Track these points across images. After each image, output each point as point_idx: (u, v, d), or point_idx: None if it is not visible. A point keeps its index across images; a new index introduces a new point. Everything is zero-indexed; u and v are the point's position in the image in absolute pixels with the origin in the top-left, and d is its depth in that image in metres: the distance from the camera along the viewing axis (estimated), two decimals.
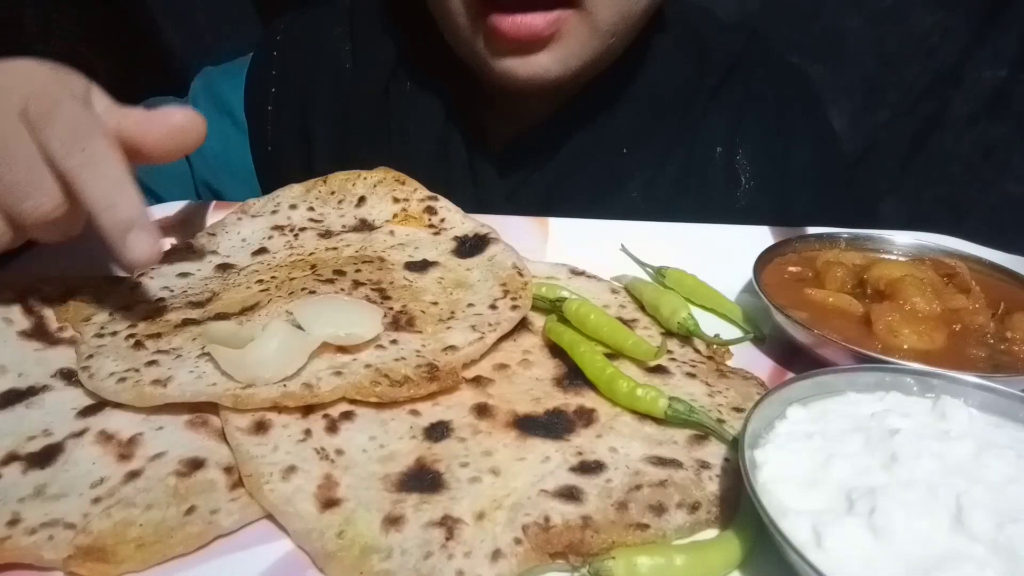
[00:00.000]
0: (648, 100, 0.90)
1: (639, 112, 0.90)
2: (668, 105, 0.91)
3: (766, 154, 0.93)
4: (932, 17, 1.55)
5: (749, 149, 0.93)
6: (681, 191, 0.90)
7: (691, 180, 0.91)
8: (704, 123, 0.92)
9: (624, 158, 0.90)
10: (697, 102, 0.92)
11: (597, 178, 0.89)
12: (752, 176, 0.92)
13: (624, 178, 0.89)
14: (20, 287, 0.60)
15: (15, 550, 0.40)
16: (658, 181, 0.90)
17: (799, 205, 0.92)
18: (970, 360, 0.55)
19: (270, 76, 0.95)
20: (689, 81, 0.92)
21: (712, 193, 0.91)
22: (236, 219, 0.72)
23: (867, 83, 1.61)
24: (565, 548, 0.41)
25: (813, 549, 0.37)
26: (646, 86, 0.90)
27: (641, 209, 0.86)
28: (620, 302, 0.65)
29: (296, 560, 0.42)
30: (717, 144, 0.92)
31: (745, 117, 0.93)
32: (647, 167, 0.90)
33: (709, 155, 0.92)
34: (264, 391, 0.49)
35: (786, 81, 0.99)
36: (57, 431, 0.48)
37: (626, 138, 0.90)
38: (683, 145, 0.91)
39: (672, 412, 0.49)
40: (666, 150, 0.91)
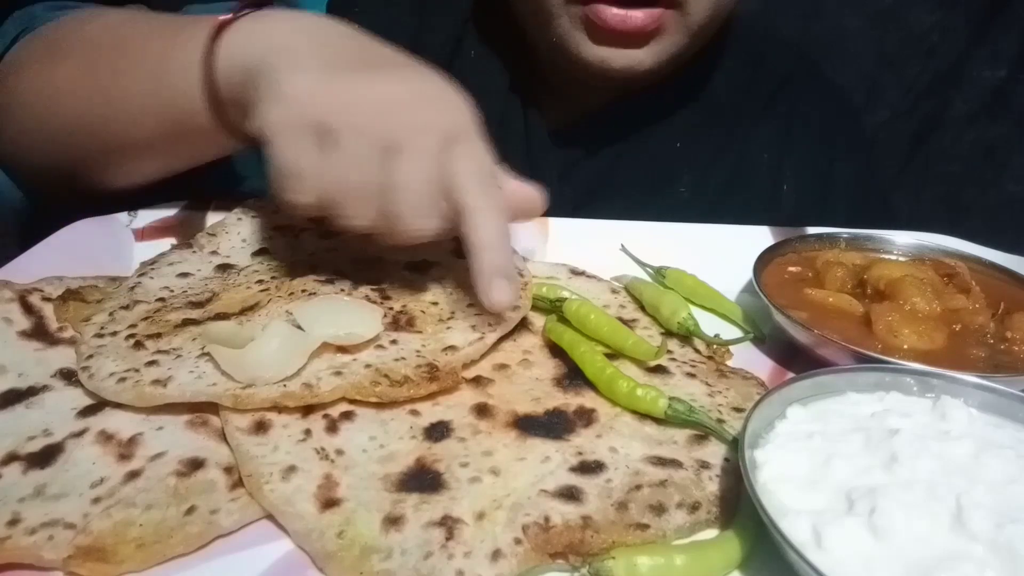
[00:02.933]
0: (704, 102, 0.92)
1: (695, 113, 0.92)
2: (722, 109, 0.93)
3: (809, 166, 0.96)
4: (932, 17, 1.55)
5: (794, 160, 0.95)
6: (728, 193, 0.92)
7: (737, 186, 0.93)
8: (754, 131, 0.95)
9: (676, 155, 0.92)
10: (749, 110, 0.95)
11: (649, 171, 0.91)
12: (795, 186, 0.95)
13: (674, 175, 0.92)
14: (20, 287, 0.60)
15: (15, 550, 0.40)
16: (707, 181, 0.92)
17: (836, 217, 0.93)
18: (970, 360, 0.55)
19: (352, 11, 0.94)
20: (743, 89, 0.95)
21: (757, 198, 0.94)
22: (236, 219, 0.72)
23: (867, 83, 1.61)
24: (565, 548, 0.41)
25: (813, 549, 0.37)
26: (703, 88, 0.92)
27: (690, 206, 0.89)
28: (620, 302, 0.65)
29: (296, 560, 0.42)
30: (764, 152, 0.95)
31: (792, 129, 0.96)
32: (697, 167, 0.92)
33: (756, 165, 0.95)
34: (264, 391, 0.49)
35: (832, 99, 1.03)
36: (57, 431, 0.48)
37: (680, 136, 0.92)
38: (733, 149, 0.94)
39: (672, 412, 0.49)
40: (717, 152, 0.93)
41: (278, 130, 0.52)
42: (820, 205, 0.95)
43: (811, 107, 0.98)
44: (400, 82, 0.54)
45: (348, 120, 0.51)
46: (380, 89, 0.53)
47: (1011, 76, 1.56)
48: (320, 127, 0.51)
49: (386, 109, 0.52)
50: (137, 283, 0.62)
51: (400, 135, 0.51)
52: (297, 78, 0.52)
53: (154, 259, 0.66)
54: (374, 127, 0.51)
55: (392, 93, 0.53)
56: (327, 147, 0.51)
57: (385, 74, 0.55)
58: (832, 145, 0.98)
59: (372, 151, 0.51)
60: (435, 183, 0.52)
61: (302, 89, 0.52)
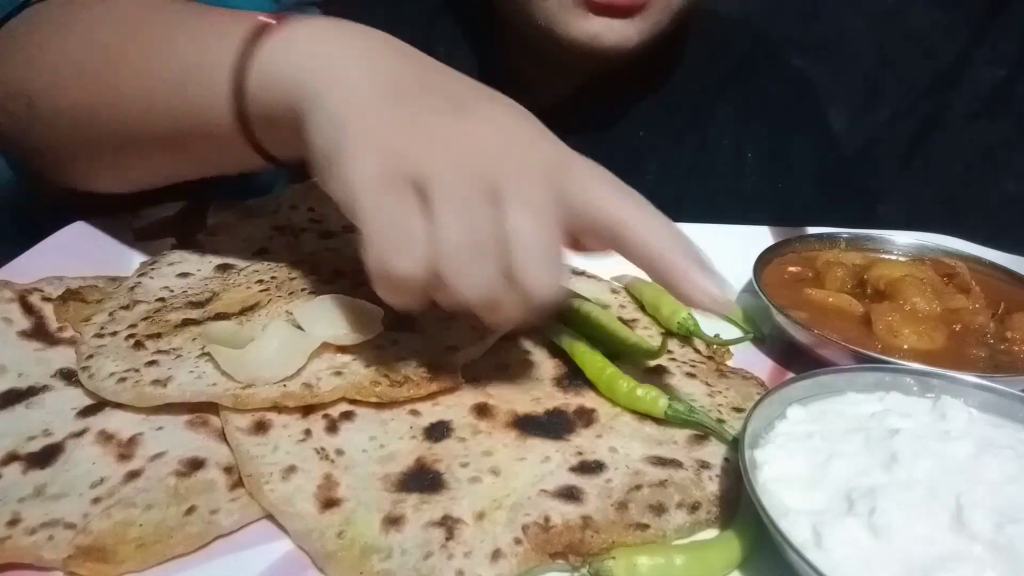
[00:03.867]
0: (664, 88, 0.93)
1: (655, 100, 0.93)
2: (682, 95, 0.94)
3: (769, 149, 0.97)
4: (932, 17, 1.55)
5: (753, 143, 0.96)
6: (692, 179, 0.93)
7: (701, 170, 0.94)
8: (713, 115, 0.95)
9: (639, 143, 0.92)
10: (708, 94, 0.95)
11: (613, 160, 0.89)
12: (756, 169, 0.96)
13: (639, 163, 0.92)
14: (20, 287, 0.60)
15: (15, 550, 0.40)
16: (671, 168, 0.93)
17: (799, 200, 0.95)
18: (970, 360, 0.55)
19: None
20: (701, 73, 0.95)
21: (720, 184, 0.95)
22: (236, 219, 0.72)
23: (867, 83, 1.61)
24: (565, 548, 0.41)
25: (813, 549, 0.37)
26: (662, 75, 0.93)
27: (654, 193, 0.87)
28: (620, 302, 0.65)
29: (296, 560, 0.42)
30: (725, 136, 0.96)
31: (751, 112, 0.97)
32: (661, 154, 0.93)
33: (718, 148, 0.95)
34: (264, 391, 0.49)
35: (790, 82, 1.04)
36: (57, 431, 0.48)
37: (642, 124, 0.92)
38: (694, 135, 0.94)
39: (672, 412, 0.49)
40: (679, 138, 0.94)
41: (371, 190, 0.43)
42: (783, 187, 0.96)
43: (768, 89, 0.99)
44: (488, 122, 0.47)
45: (444, 171, 0.43)
46: (470, 132, 0.45)
47: (1011, 76, 1.56)
48: (417, 181, 0.43)
49: (481, 153, 0.44)
50: (137, 283, 0.62)
51: (502, 180, 0.43)
52: (378, 132, 0.44)
53: (154, 259, 0.66)
54: (472, 175, 0.43)
55: (484, 135, 0.46)
56: (428, 204, 0.43)
57: (470, 113, 0.47)
58: (789, 126, 0.99)
59: (478, 203, 0.43)
60: (556, 222, 0.44)
61: (387, 144, 0.44)
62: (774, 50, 1.04)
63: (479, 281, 0.43)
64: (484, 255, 0.43)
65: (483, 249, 0.43)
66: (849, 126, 1.61)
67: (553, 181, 0.45)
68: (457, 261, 0.43)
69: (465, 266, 0.43)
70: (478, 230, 0.42)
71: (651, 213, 0.47)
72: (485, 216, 0.43)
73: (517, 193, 0.43)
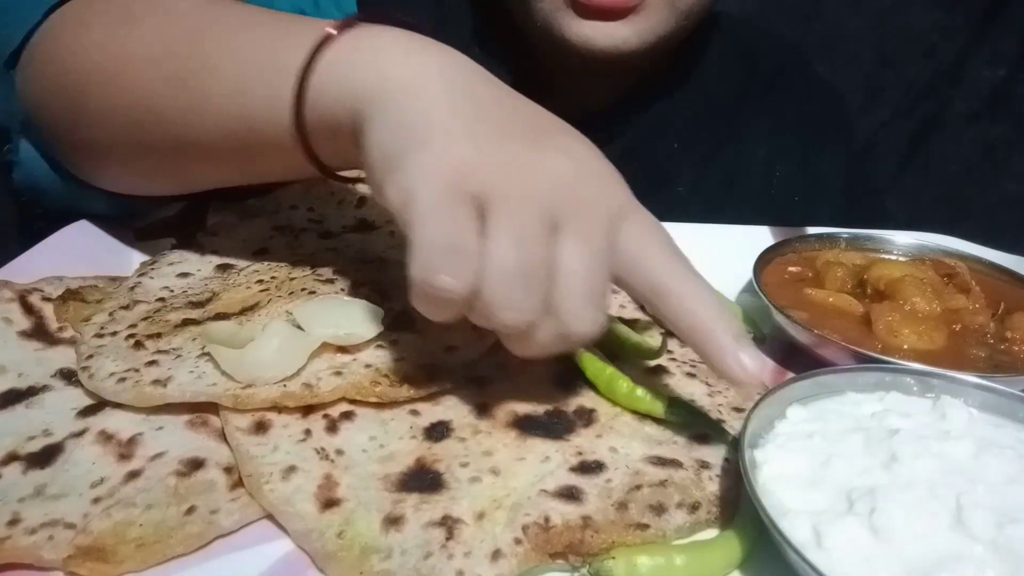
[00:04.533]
0: (701, 100, 0.93)
1: (691, 110, 0.92)
2: (717, 106, 0.94)
3: (799, 160, 0.97)
4: (932, 16, 1.55)
5: (784, 154, 0.96)
6: (726, 191, 0.93)
7: (734, 182, 0.94)
8: (748, 127, 0.95)
9: (674, 154, 0.92)
10: (744, 105, 0.95)
11: (648, 171, 0.90)
12: (785, 181, 0.96)
13: (673, 174, 0.92)
14: (20, 287, 0.60)
15: (15, 550, 0.40)
16: (705, 180, 0.93)
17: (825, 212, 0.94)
18: (970, 360, 0.55)
19: None
20: (737, 84, 0.95)
21: (752, 194, 0.94)
22: (236, 219, 0.72)
23: (867, 82, 1.61)
24: (565, 548, 0.41)
25: (813, 549, 0.37)
26: (700, 86, 0.93)
27: (687, 204, 0.89)
28: (620, 302, 0.65)
29: (296, 560, 0.42)
30: (758, 148, 0.95)
31: (783, 124, 0.96)
32: (695, 166, 0.93)
33: (752, 159, 0.95)
34: (264, 391, 0.49)
35: (822, 95, 1.03)
36: (57, 431, 0.48)
37: (677, 135, 0.92)
38: (729, 147, 0.94)
39: (672, 412, 0.49)
40: (713, 150, 0.94)
41: (433, 199, 0.42)
42: (809, 200, 0.96)
43: (801, 102, 0.99)
44: (563, 154, 0.47)
45: (511, 195, 0.43)
46: (545, 161, 0.45)
47: (1011, 76, 1.56)
48: (480, 200, 0.43)
49: (552, 184, 0.44)
50: (137, 283, 0.62)
51: (565, 213, 0.43)
52: (452, 143, 0.44)
53: (154, 259, 0.66)
54: (539, 204, 0.43)
55: (557, 166, 0.45)
56: (487, 224, 0.43)
57: (546, 143, 0.47)
58: (820, 139, 0.99)
59: (536, 232, 0.43)
60: (606, 267, 0.45)
61: (459, 156, 0.43)
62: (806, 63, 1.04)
63: (520, 307, 0.43)
64: (531, 283, 0.42)
65: (531, 277, 0.42)
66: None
67: (613, 224, 0.45)
68: (503, 285, 0.42)
69: (510, 291, 0.42)
70: (530, 257, 0.42)
71: (697, 282, 0.46)
72: (539, 244, 0.43)
73: (577, 229, 0.43)
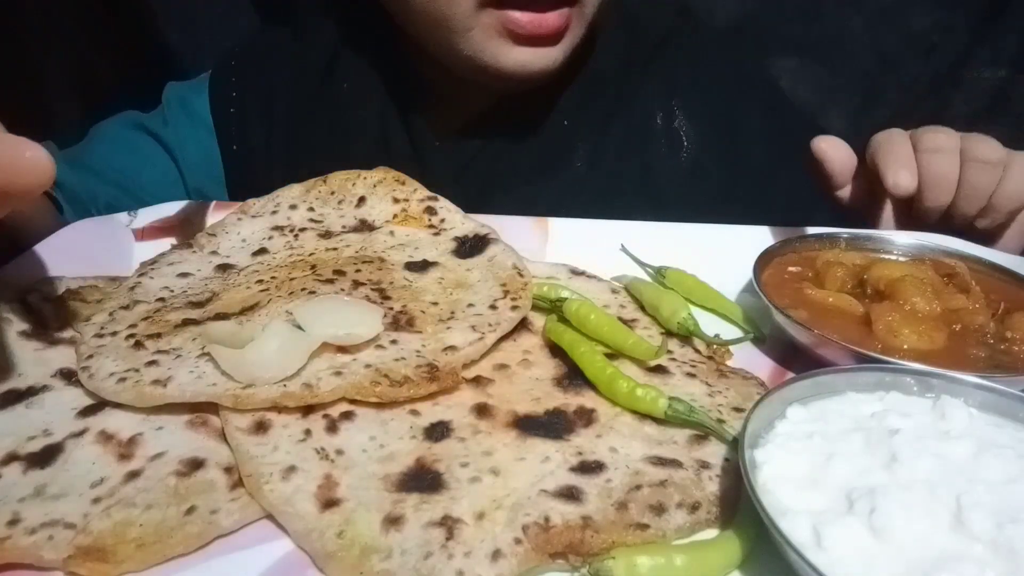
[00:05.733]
0: (587, 77, 0.94)
1: (578, 88, 0.94)
2: (605, 80, 0.95)
3: (705, 116, 0.97)
4: (932, 17, 1.55)
5: (686, 113, 0.97)
6: (624, 159, 0.95)
7: (633, 148, 0.95)
8: (640, 93, 0.97)
9: (564, 130, 0.94)
10: (632, 74, 0.97)
11: (540, 151, 0.94)
12: (693, 139, 0.97)
13: (567, 151, 0.94)
14: (20, 287, 0.60)
15: (15, 550, 0.40)
16: (601, 151, 0.94)
17: (751, 161, 0.96)
18: (970, 360, 0.55)
19: (230, 82, 1.00)
20: (623, 56, 0.97)
21: (655, 158, 0.96)
22: (236, 219, 0.72)
23: (867, 83, 1.61)
24: (565, 548, 0.41)
25: (813, 549, 0.37)
26: (584, 63, 0.94)
27: (586, 179, 0.93)
28: (620, 302, 0.65)
29: (296, 560, 0.42)
30: (655, 111, 0.97)
31: (680, 84, 0.98)
32: (588, 139, 0.95)
33: (648, 123, 0.97)
34: (264, 391, 0.49)
35: (718, 48, 1.05)
36: (57, 431, 0.48)
37: (566, 112, 0.94)
38: (622, 115, 0.96)
39: (672, 412, 0.49)
40: (606, 121, 0.95)
41: None
42: (727, 153, 0.96)
43: (696, 59, 1.00)
44: None
45: None
46: None
47: (1011, 76, 1.56)
48: None
49: None
50: (137, 283, 0.62)
51: None
52: None
53: (154, 259, 0.67)
54: None
55: None
56: None
57: None
58: (727, 90, 0.99)
59: None
60: None
61: None
62: (698, 22, 1.05)
63: None
64: None
65: None
66: (849, 126, 1.61)
67: None
68: None
69: None
70: None
71: None
72: None
73: None
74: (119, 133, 1.00)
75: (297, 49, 0.99)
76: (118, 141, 0.99)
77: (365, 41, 0.94)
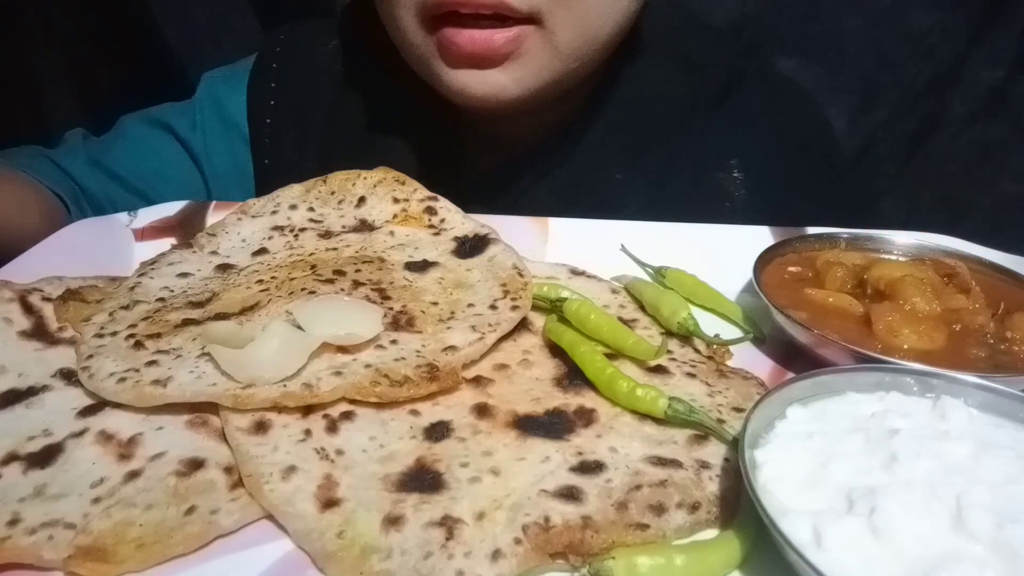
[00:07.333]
0: (642, 123, 0.88)
1: (633, 136, 0.88)
2: (663, 126, 0.89)
3: (764, 174, 0.92)
4: (930, 17, 1.55)
5: (743, 167, 0.92)
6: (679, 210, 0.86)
7: (690, 198, 0.89)
8: (700, 147, 0.90)
9: (616, 185, 0.88)
10: (694, 121, 0.90)
11: (590, 204, 0.85)
12: (747, 188, 0.92)
13: (619, 203, 0.86)
14: (20, 287, 0.60)
15: (15, 550, 0.40)
16: (656, 203, 0.86)
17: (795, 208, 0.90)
18: (970, 360, 0.55)
19: (269, 88, 0.95)
20: (683, 101, 0.90)
21: (710, 209, 0.89)
22: (236, 219, 0.72)
23: (865, 83, 1.61)
24: (565, 548, 0.41)
25: (813, 549, 0.37)
26: (639, 109, 0.88)
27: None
28: (620, 302, 0.65)
29: (296, 560, 0.42)
30: (714, 170, 0.91)
31: (741, 139, 0.92)
32: (642, 190, 0.88)
33: (705, 181, 0.91)
34: (264, 391, 0.49)
35: (780, 93, 0.99)
36: (57, 431, 0.48)
37: (620, 163, 0.88)
38: (680, 164, 0.89)
39: (672, 412, 0.49)
40: (664, 171, 0.89)
41: None
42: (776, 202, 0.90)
43: (760, 110, 0.94)
44: None
45: None
46: None
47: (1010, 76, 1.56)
48: None
49: None
50: (137, 283, 0.62)
51: None
52: None
53: (154, 259, 0.66)
54: None
55: None
56: None
57: None
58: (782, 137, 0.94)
59: None
60: None
61: None
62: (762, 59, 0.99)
63: None
64: None
65: None
66: (848, 126, 1.61)
67: None
68: None
69: None
70: None
71: None
72: None
73: None
74: (145, 136, 0.97)
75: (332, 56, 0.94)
76: (143, 145, 0.96)
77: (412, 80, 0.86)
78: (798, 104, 1.01)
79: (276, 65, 0.96)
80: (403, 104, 0.89)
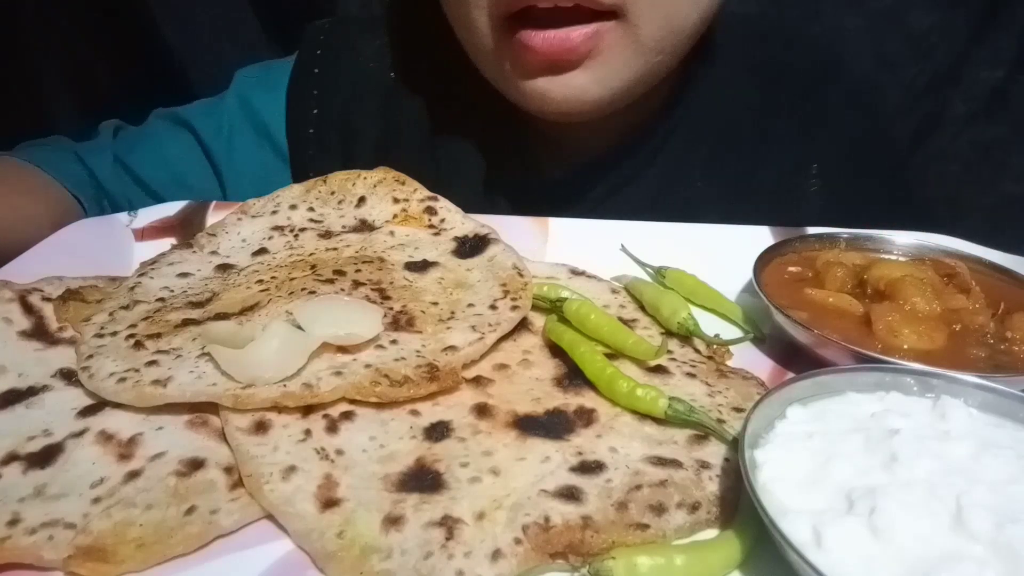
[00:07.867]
0: (722, 129, 0.86)
1: (713, 142, 0.85)
2: (741, 132, 0.87)
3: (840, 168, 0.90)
4: (930, 17, 1.55)
5: (823, 167, 0.90)
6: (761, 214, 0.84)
7: (771, 206, 0.86)
8: (781, 146, 0.88)
9: (698, 191, 0.85)
10: (773, 126, 0.88)
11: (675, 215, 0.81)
12: (826, 193, 0.90)
13: (700, 211, 0.82)
14: (20, 287, 0.60)
15: (15, 550, 0.40)
16: (736, 208, 0.83)
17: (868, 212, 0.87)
18: (970, 360, 0.55)
19: (312, 96, 0.90)
20: (760, 105, 0.88)
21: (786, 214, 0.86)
22: (236, 219, 0.72)
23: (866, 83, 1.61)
24: (565, 548, 0.41)
25: (813, 549, 0.37)
26: (717, 114, 0.86)
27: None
28: (620, 302, 0.65)
29: (296, 560, 0.42)
30: (793, 165, 0.89)
31: (819, 136, 0.90)
32: (724, 197, 0.86)
33: (787, 177, 0.89)
34: (264, 391, 0.49)
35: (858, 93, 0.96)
36: (57, 431, 0.48)
37: (702, 171, 0.86)
38: (761, 171, 0.87)
39: (672, 412, 0.49)
40: (745, 178, 0.86)
41: None
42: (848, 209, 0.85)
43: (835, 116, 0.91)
44: None
45: None
46: None
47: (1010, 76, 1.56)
48: None
49: None
50: (137, 283, 0.62)
51: None
52: None
53: (154, 259, 0.66)
54: None
55: None
56: None
57: None
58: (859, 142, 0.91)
59: None
60: None
61: None
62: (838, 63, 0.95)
63: None
64: None
65: None
66: None
67: None
68: None
69: None
70: None
71: None
72: None
73: None
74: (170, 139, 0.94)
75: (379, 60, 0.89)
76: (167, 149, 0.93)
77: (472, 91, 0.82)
78: (873, 104, 0.98)
79: (319, 71, 0.90)
80: (467, 109, 0.85)
